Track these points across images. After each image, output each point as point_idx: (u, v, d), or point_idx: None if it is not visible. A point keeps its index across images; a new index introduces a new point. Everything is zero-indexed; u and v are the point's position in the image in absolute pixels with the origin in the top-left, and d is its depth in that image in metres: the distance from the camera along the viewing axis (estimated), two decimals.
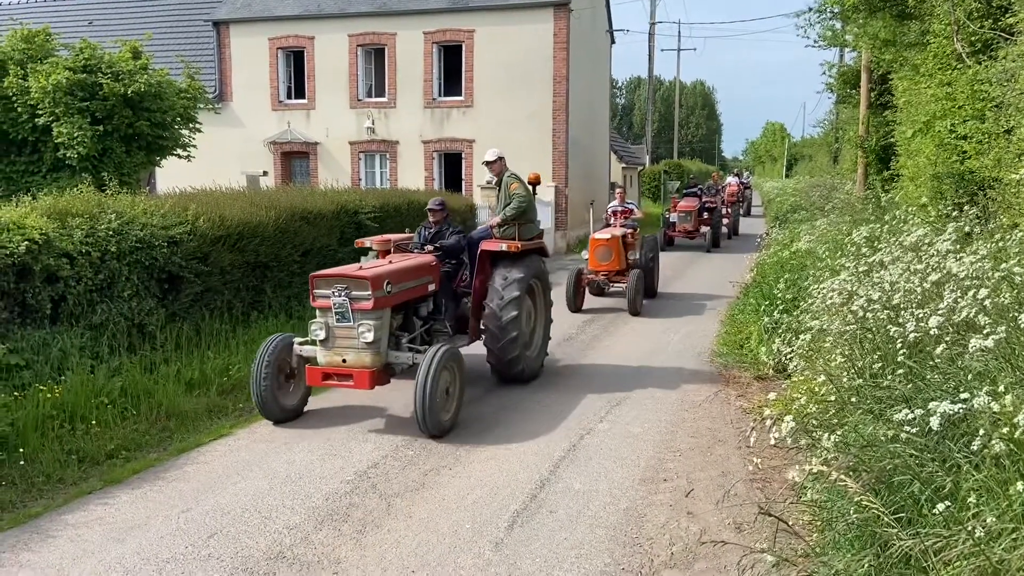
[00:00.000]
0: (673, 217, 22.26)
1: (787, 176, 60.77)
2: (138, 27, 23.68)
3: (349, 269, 6.97)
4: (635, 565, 4.54)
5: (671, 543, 4.71)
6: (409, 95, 22.68)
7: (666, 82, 77.18)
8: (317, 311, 6.80)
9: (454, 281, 8.22)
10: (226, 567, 4.55)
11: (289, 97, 24.20)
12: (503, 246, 7.93)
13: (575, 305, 12.47)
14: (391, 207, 12.97)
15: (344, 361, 6.66)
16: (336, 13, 23.02)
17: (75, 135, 12.85)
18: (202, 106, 15.60)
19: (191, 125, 15.20)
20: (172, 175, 17.17)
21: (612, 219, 14.13)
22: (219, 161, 20.06)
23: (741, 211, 29.71)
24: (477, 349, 8.44)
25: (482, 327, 7.92)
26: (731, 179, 31.30)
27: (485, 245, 8.01)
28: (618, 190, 14.73)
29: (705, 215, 22.73)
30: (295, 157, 24.41)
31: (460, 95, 22.40)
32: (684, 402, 7.78)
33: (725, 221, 25.19)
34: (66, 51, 14.04)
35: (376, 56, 23.31)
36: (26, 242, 6.61)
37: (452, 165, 23.00)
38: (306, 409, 7.47)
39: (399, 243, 8.23)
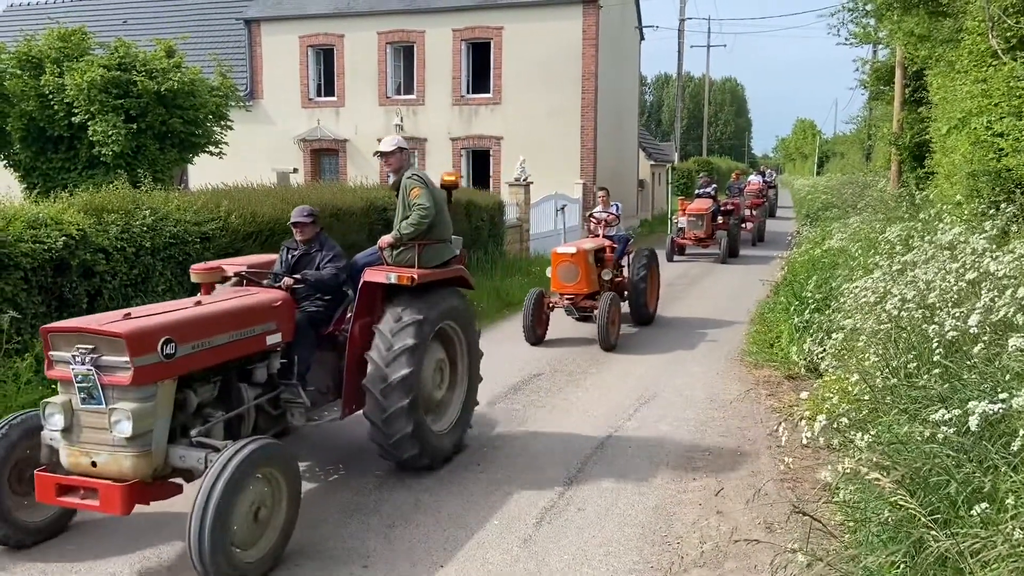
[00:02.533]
0: (681, 222, 19.34)
1: (818, 174, 60.10)
2: (172, 26, 24.04)
3: (100, 320, 4.45)
4: (664, 563, 4.53)
5: (701, 542, 4.69)
6: (437, 92, 22.76)
7: (695, 79, 76.64)
8: (58, 384, 4.50)
9: (328, 326, 5.92)
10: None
11: (319, 95, 24.42)
12: (391, 277, 5.60)
13: (535, 335, 10.01)
14: None
15: (94, 464, 4.32)
16: (366, 11, 23.17)
17: (110, 132, 13.07)
18: (233, 104, 15.80)
19: (223, 122, 15.39)
20: (204, 172, 17.38)
21: (596, 228, 11.60)
22: (250, 158, 20.28)
23: (765, 214, 25.55)
24: None
25: (363, 389, 5.57)
26: (753, 177, 27.96)
27: (369, 275, 5.69)
28: (600, 193, 12.01)
29: (720, 219, 19.58)
30: (324, 154, 24.62)
31: (488, 92, 22.44)
32: (713, 401, 7.73)
33: (748, 225, 22.37)
34: (101, 50, 14.28)
35: (405, 54, 23.43)
36: (63, 237, 6.74)
37: (480, 162, 23.05)
38: None
39: (253, 272, 5.75)
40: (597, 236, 11.40)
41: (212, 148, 15.36)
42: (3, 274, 6.30)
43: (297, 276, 5.69)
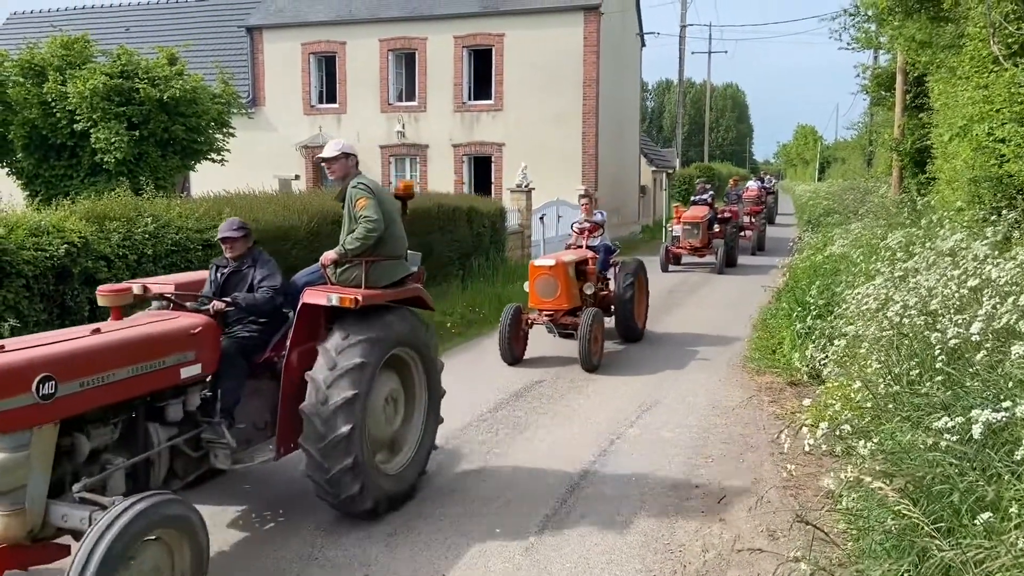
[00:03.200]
0: (676, 230, 18.56)
1: (819, 179, 60.10)
2: (174, 33, 24.13)
3: None
4: (667, 571, 4.51)
5: (704, 550, 4.67)
6: (439, 99, 22.81)
7: (696, 85, 76.77)
8: None
9: (264, 353, 5.21)
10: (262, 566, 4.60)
11: (321, 102, 24.48)
12: (333, 298, 4.93)
13: (512, 355, 9.30)
14: (421, 210, 13.02)
15: None
16: (368, 18, 23.25)
17: (112, 140, 13.09)
18: (235, 111, 15.83)
19: (225, 130, 15.42)
20: (206, 179, 17.39)
21: (579, 238, 10.82)
22: (252, 165, 20.33)
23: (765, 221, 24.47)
24: None
25: (301, 413, 4.87)
26: (752, 183, 27.05)
27: (308, 296, 5.04)
28: (583, 201, 11.15)
29: (717, 227, 18.95)
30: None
31: (490, 99, 22.49)
32: (716, 407, 7.72)
33: (747, 233, 21.57)
34: (104, 57, 14.32)
35: (407, 61, 23.49)
36: (65, 245, 6.74)
37: (482, 168, 23.08)
38: None
39: (182, 292, 5.15)
40: (579, 247, 10.63)
41: (214, 155, 15.38)
42: (5, 282, 6.30)
43: (227, 299, 5.05)
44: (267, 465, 5.14)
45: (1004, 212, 7.47)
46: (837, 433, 4.37)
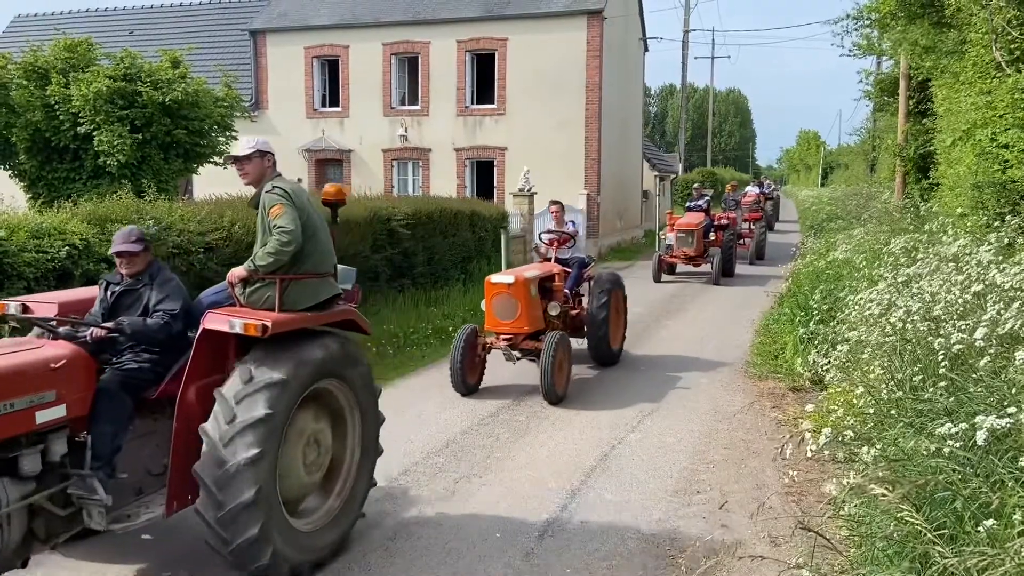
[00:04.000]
0: (669, 238, 17.44)
1: (822, 185, 60.07)
2: (178, 36, 24.17)
3: None
4: None
5: (705, 556, 4.64)
6: (442, 103, 22.82)
7: (699, 90, 76.79)
8: None
9: (156, 389, 4.38)
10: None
11: (324, 105, 24.51)
12: (236, 324, 4.14)
13: (467, 384, 8.18)
14: (423, 214, 13.04)
15: None
16: (371, 22, 23.27)
17: (115, 143, 13.10)
18: (238, 114, 15.83)
19: (228, 133, 15.42)
20: (208, 182, 17.40)
21: (547, 250, 9.75)
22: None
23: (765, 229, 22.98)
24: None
25: (195, 475, 4.07)
26: (750, 188, 25.92)
27: (209, 320, 4.26)
28: (552, 208, 9.99)
29: (712, 235, 17.91)
30: (329, 164, 24.68)
31: (493, 103, 22.49)
32: (718, 413, 7.69)
33: (746, 241, 20.58)
34: (107, 60, 14.34)
35: (410, 64, 23.52)
36: (67, 247, 6.74)
37: (484, 173, 23.09)
38: None
39: (65, 313, 4.45)
40: (548, 260, 9.58)
41: (217, 159, 15.39)
42: (6, 284, 6.30)
43: (109, 325, 4.30)
44: None
45: (1007, 218, 7.45)
46: (840, 439, 4.35)
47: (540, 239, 9.97)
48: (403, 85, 23.71)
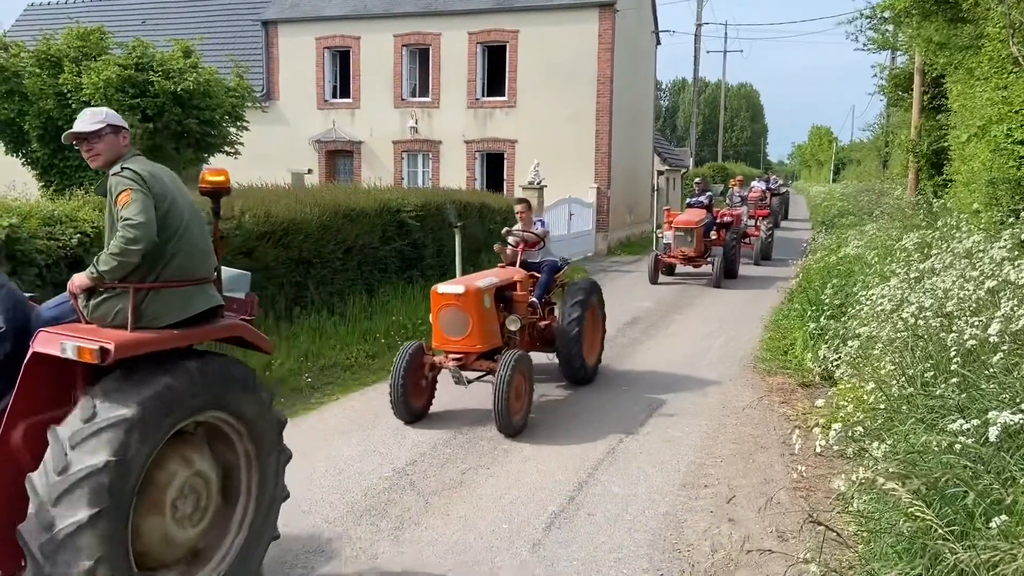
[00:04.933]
0: (667, 237, 16.10)
1: (834, 181, 59.75)
2: (190, 26, 24.22)
3: None
4: (675, 571, 4.48)
5: (713, 550, 4.63)
6: (453, 95, 22.79)
7: (711, 84, 76.41)
8: None
9: None
10: (267, 556, 4.59)
11: (335, 96, 24.52)
12: (68, 348, 3.28)
13: (409, 410, 6.96)
14: (433, 206, 13.03)
15: None
16: (382, 13, 23.25)
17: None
18: (250, 104, 15.86)
19: (239, 123, 15.46)
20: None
21: (512, 253, 8.55)
22: (265, 159, 20.38)
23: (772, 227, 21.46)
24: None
25: (19, 539, 3.22)
26: (756, 183, 24.56)
27: (41, 341, 3.40)
28: (518, 208, 8.77)
29: (714, 234, 16.71)
30: (339, 156, 24.71)
31: (503, 95, 22.45)
32: (726, 408, 7.67)
33: (752, 239, 19.43)
34: (120, 49, 14.38)
35: (421, 56, 23.49)
36: (78, 235, 6.77)
37: (494, 165, 23.06)
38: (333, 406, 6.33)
39: None
40: (509, 265, 8.36)
41: (228, 148, 15.42)
42: (19, 270, 6.33)
43: None
44: None
45: (1022, 214, 7.38)
46: (850, 434, 4.33)
47: (508, 241, 8.66)
48: (414, 77, 23.69)
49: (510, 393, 6.57)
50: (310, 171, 23.54)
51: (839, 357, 6.99)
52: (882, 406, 4.68)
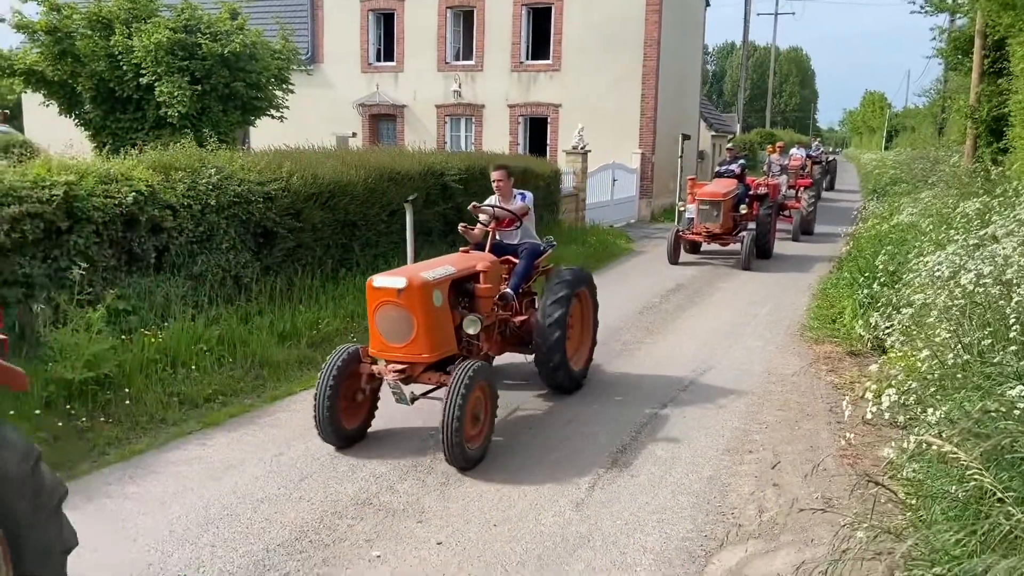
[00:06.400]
0: (689, 211, 14.08)
1: (886, 148, 58.13)
2: None
3: None
4: (719, 533, 4.48)
5: (759, 512, 4.63)
6: (496, 58, 22.59)
7: (760, 48, 74.48)
8: None
9: None
10: (316, 509, 4.72)
11: (378, 60, 24.48)
12: None
13: (337, 433, 5.52)
14: (476, 170, 12.99)
15: None
16: None
17: (175, 94, 13.33)
18: (295, 67, 15.94)
19: (284, 86, 15.56)
20: (264, 135, 17.62)
21: (480, 234, 7.00)
22: (309, 122, 20.46)
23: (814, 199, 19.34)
24: None
25: None
26: (795, 151, 22.00)
27: None
28: (495, 176, 7.01)
29: (744, 209, 14.16)
30: (382, 119, 24.73)
31: (548, 58, 22.17)
32: (772, 375, 7.59)
33: (791, 211, 17.59)
34: (168, 11, 14.53)
35: (465, 19, 23.28)
36: (133, 193, 6.91)
37: (537, 130, 22.88)
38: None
39: None
40: (475, 249, 6.67)
41: (273, 112, 15.55)
42: (76, 228, 6.50)
43: None
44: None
45: None
46: (902, 402, 4.26)
47: (479, 219, 7.00)
48: (458, 40, 23.51)
49: (463, 418, 5.07)
50: (354, 135, 23.61)
51: (891, 325, 6.85)
52: (936, 373, 4.59)
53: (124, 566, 4.08)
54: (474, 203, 6.98)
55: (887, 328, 6.93)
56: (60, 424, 5.55)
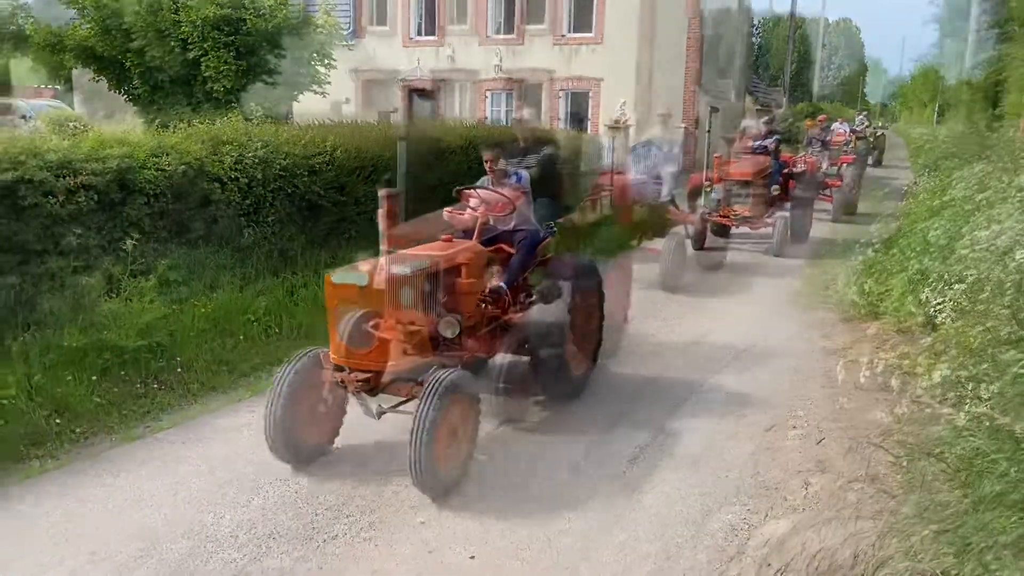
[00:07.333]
0: (716, 192, 12.11)
1: (938, 122, 56.47)
2: None
3: None
4: (762, 507, 4.47)
5: (803, 486, 4.60)
6: (538, 32, 22.40)
7: (807, 20, 72.56)
8: None
9: None
10: (360, 476, 4.81)
11: (419, 34, 24.44)
12: None
13: (295, 450, 4.81)
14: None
15: None
16: None
17: (221, 69, 13.52)
18: (337, 42, 16.01)
19: (326, 62, 15.65)
20: (307, 110, 17.76)
21: (464, 220, 6.05)
22: (351, 97, 20.59)
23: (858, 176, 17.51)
24: None
25: None
26: (837, 125, 20.39)
27: None
28: (486, 156, 6.10)
29: (777, 189, 12.54)
30: (424, 94, 24.74)
31: (590, 31, 21.92)
32: (814, 352, 7.50)
33: (832, 189, 15.68)
34: None
35: None
36: (183, 166, 7.05)
37: (579, 104, 22.69)
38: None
39: None
40: (456, 238, 5.67)
41: (316, 87, 15.67)
42: (128, 199, 6.65)
43: None
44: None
45: None
46: (955, 378, 4.18)
47: (470, 205, 6.09)
48: (499, 14, 23.35)
49: (428, 438, 4.27)
50: (395, 110, 23.68)
51: (943, 300, 6.70)
52: (989, 350, 4.49)
53: (181, 524, 4.24)
54: (458, 187, 6.20)
55: (939, 304, 6.78)
56: (116, 390, 5.73)
